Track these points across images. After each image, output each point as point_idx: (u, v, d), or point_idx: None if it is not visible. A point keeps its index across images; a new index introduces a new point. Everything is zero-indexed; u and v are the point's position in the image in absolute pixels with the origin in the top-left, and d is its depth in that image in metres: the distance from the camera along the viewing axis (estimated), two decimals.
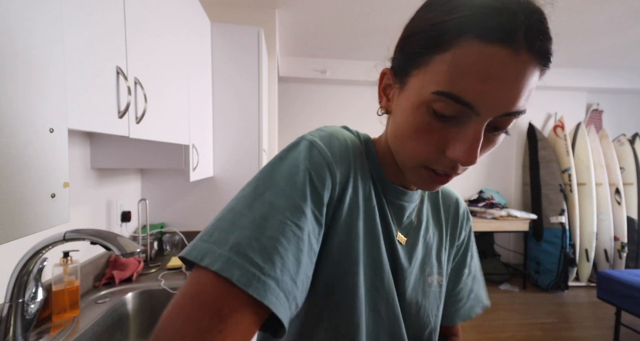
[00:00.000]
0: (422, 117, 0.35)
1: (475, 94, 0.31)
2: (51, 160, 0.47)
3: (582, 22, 2.45)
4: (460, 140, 0.34)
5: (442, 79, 0.32)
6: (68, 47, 0.56)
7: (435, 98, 0.33)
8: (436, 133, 0.35)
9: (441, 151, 0.36)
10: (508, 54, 0.30)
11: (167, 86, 1.09)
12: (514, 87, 0.31)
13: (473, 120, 0.33)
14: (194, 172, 1.35)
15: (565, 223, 3.22)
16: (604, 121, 3.88)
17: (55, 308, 0.91)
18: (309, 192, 0.36)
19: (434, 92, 0.33)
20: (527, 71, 0.31)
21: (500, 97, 0.31)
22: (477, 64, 0.31)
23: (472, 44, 0.31)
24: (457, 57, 0.31)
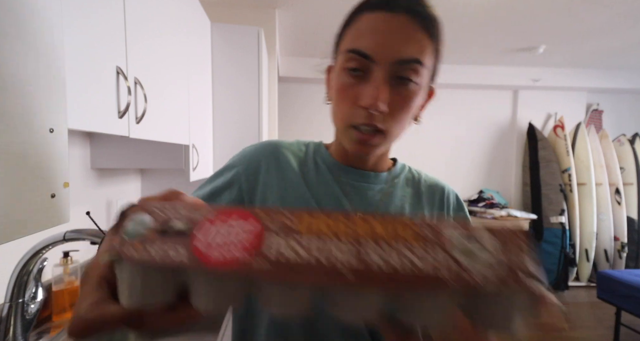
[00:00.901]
0: (341, 79, 0.44)
1: (368, 45, 0.41)
2: (51, 160, 0.47)
3: (582, 22, 2.45)
4: (366, 88, 0.41)
5: (348, 42, 0.43)
6: (68, 47, 0.56)
7: (345, 57, 0.43)
8: (351, 90, 0.43)
9: (355, 104, 0.43)
10: (389, 15, 0.41)
11: (167, 86, 1.09)
12: (397, 37, 0.40)
13: (374, 71, 0.41)
14: (194, 172, 1.35)
15: (565, 223, 3.22)
16: (604, 121, 3.88)
17: (55, 308, 0.91)
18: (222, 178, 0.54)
19: (342, 52, 0.44)
20: (407, 27, 0.41)
21: (388, 46, 0.40)
22: (367, 25, 0.42)
23: (365, 15, 0.43)
24: (356, 26, 0.43)
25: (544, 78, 3.58)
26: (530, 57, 3.21)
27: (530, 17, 2.38)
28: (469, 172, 3.86)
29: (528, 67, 3.55)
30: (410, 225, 0.22)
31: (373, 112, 0.41)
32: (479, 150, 3.87)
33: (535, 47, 2.93)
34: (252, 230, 0.22)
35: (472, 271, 0.20)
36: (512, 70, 3.57)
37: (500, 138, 3.87)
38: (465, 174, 3.85)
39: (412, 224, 0.22)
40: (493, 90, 3.77)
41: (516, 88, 3.75)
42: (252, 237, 0.21)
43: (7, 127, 0.39)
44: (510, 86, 3.69)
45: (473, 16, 2.37)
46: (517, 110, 3.80)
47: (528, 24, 2.50)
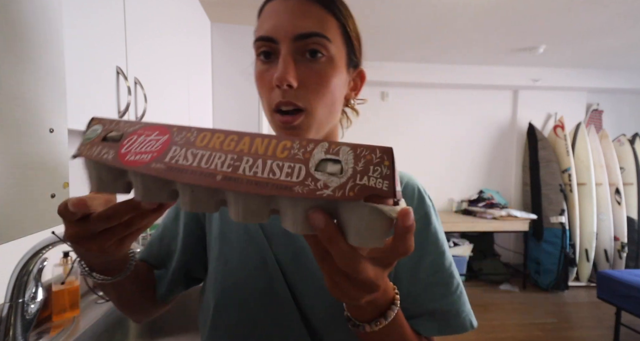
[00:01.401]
0: (256, 68, 0.46)
1: (268, 28, 0.43)
2: (51, 160, 0.47)
3: (582, 22, 2.45)
4: (277, 66, 0.42)
5: (256, 31, 0.45)
6: (68, 47, 0.56)
7: (255, 47, 0.45)
8: (266, 74, 0.44)
9: (271, 87, 0.44)
10: (282, 1, 0.43)
11: (167, 86, 1.09)
12: (293, 15, 0.42)
13: (277, 51, 0.43)
14: None
15: (565, 223, 3.22)
16: (604, 121, 3.88)
17: (55, 308, 0.91)
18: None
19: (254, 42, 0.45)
20: (302, 5, 0.42)
21: (285, 24, 0.42)
22: (266, 13, 0.44)
23: (267, 6, 0.45)
24: (261, 16, 0.45)
25: (544, 78, 3.58)
26: (530, 57, 3.21)
27: (530, 17, 2.38)
28: (469, 172, 3.86)
29: (528, 67, 3.55)
30: (289, 148, 0.25)
31: (283, 87, 0.41)
32: (479, 150, 3.87)
33: (535, 47, 2.93)
34: (162, 141, 0.28)
35: (321, 185, 0.23)
36: (512, 70, 3.57)
37: (500, 138, 3.87)
38: (465, 174, 3.85)
39: (290, 146, 0.25)
40: (493, 90, 3.77)
41: (516, 88, 3.75)
42: (160, 147, 0.27)
43: (7, 127, 0.39)
44: (510, 86, 3.69)
45: (473, 16, 2.37)
46: (517, 110, 3.80)
47: (528, 24, 2.50)
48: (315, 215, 0.23)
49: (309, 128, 0.44)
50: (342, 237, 0.24)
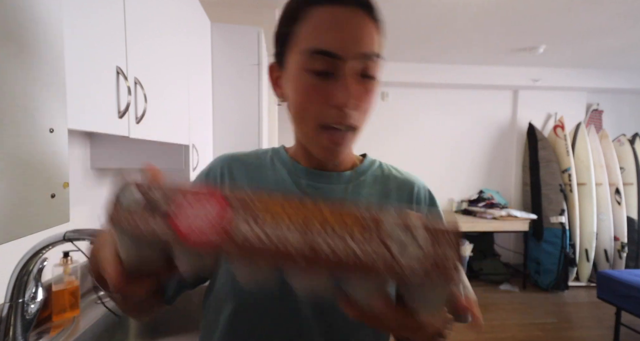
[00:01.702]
0: (305, 81, 0.42)
1: (333, 43, 0.40)
2: (51, 160, 0.47)
3: (582, 22, 2.45)
4: (336, 87, 0.40)
5: (304, 40, 0.41)
6: (68, 47, 0.56)
7: (308, 59, 0.41)
8: (319, 90, 0.41)
9: (327, 104, 0.41)
10: (344, 9, 0.40)
11: (167, 86, 1.09)
12: (355, 32, 0.40)
13: (340, 68, 0.40)
14: (194, 172, 1.35)
15: (565, 223, 3.22)
16: (604, 121, 3.88)
17: (55, 308, 0.91)
18: None
19: (304, 53, 0.41)
20: (359, 20, 0.40)
21: (352, 42, 0.40)
22: (325, 21, 0.40)
23: (316, 10, 0.41)
24: (310, 22, 0.41)
25: (544, 78, 3.58)
26: (530, 57, 3.21)
27: (530, 17, 2.38)
28: (469, 172, 3.86)
29: (528, 67, 3.55)
30: (355, 214, 0.24)
31: (348, 110, 0.41)
32: (479, 150, 3.87)
33: (535, 47, 2.93)
34: (220, 209, 0.25)
35: (402, 262, 0.23)
36: (512, 70, 3.57)
37: (500, 138, 3.87)
38: (465, 174, 3.85)
39: (357, 212, 0.25)
40: (493, 90, 3.77)
41: (516, 88, 3.75)
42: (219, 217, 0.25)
43: (7, 127, 0.39)
44: (510, 86, 3.69)
45: (473, 16, 2.37)
46: (517, 110, 3.80)
47: (528, 24, 2.50)
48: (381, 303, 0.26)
49: (351, 144, 0.46)
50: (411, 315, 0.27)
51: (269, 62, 0.49)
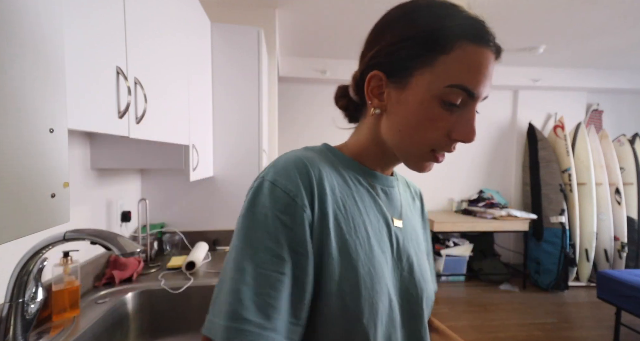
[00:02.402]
0: (432, 109, 0.43)
1: (477, 85, 0.42)
2: (51, 160, 0.47)
3: (582, 22, 2.45)
4: (462, 123, 0.43)
5: (453, 74, 0.41)
6: (68, 47, 0.56)
7: (448, 91, 0.42)
8: (443, 121, 0.43)
9: (447, 135, 0.44)
10: (491, 54, 0.43)
11: (167, 86, 1.09)
12: (491, 78, 0.43)
13: (469, 105, 0.43)
14: (194, 172, 1.35)
15: (565, 223, 3.22)
16: (604, 121, 3.88)
17: (55, 308, 0.91)
18: (283, 236, 0.39)
19: (447, 85, 0.42)
20: (493, 64, 0.44)
21: (485, 86, 0.43)
22: (476, 61, 0.41)
23: (470, 46, 0.41)
24: (461, 57, 0.41)
25: (544, 78, 3.58)
26: (530, 57, 3.21)
27: (530, 17, 2.38)
28: (469, 172, 3.86)
29: (528, 67, 3.55)
30: None
31: (467, 143, 0.44)
32: (479, 150, 3.87)
33: (535, 47, 2.93)
34: None
35: None
36: (512, 70, 3.57)
37: (500, 138, 3.87)
38: (465, 174, 3.85)
39: None
40: (493, 90, 3.77)
41: (516, 88, 3.75)
42: None
43: (7, 127, 0.39)
44: (510, 86, 3.69)
45: None
46: (517, 110, 3.80)
47: (528, 24, 2.50)
48: None
49: None
50: None
51: (375, 71, 0.46)
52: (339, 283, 0.41)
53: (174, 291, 1.19)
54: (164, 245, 1.61)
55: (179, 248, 1.63)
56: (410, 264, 0.50)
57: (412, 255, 0.51)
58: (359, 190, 0.49)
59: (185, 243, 1.64)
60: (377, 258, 0.45)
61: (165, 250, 1.60)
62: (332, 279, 0.41)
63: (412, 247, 0.52)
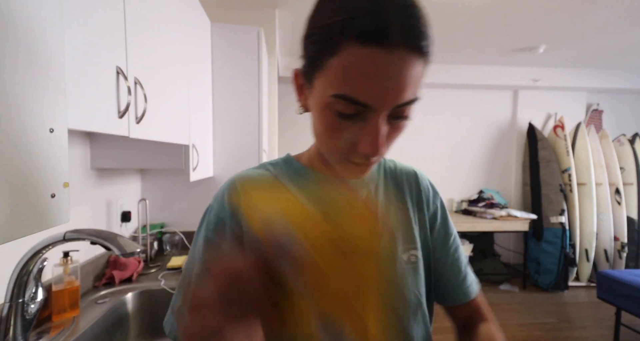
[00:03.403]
0: (329, 118, 0.38)
1: (366, 93, 0.34)
2: (51, 160, 0.47)
3: (582, 22, 2.45)
4: (364, 135, 0.37)
5: (336, 82, 0.35)
6: (68, 47, 0.56)
7: (334, 101, 0.36)
8: (345, 131, 0.38)
9: (353, 146, 0.38)
10: (385, 54, 0.33)
11: (167, 86, 1.09)
12: (397, 82, 0.34)
13: (372, 116, 0.36)
14: (194, 172, 1.35)
15: (565, 223, 3.22)
16: (604, 121, 3.88)
17: (55, 308, 0.91)
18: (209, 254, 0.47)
19: (331, 95, 0.36)
20: (405, 66, 0.34)
21: (387, 93, 0.34)
22: (360, 66, 0.33)
23: (354, 47, 0.33)
24: (344, 61, 0.34)
25: (544, 78, 3.58)
26: (530, 57, 3.21)
27: (530, 17, 2.38)
28: (469, 172, 3.86)
29: (528, 67, 3.55)
30: None
31: (370, 157, 0.39)
32: (479, 150, 3.87)
33: (535, 47, 2.93)
34: None
35: None
36: (512, 70, 3.57)
37: (500, 138, 3.87)
38: (465, 174, 3.85)
39: None
40: (493, 90, 3.77)
41: (516, 88, 3.75)
42: None
43: (7, 127, 0.39)
44: (510, 86, 3.69)
45: (473, 16, 2.37)
46: (517, 110, 3.80)
47: (528, 24, 2.50)
48: None
49: (371, 170, 0.45)
50: None
51: (295, 69, 0.44)
52: None
53: (174, 292, 1.19)
54: (164, 245, 1.61)
55: (179, 248, 1.63)
56: None
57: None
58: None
59: (185, 243, 1.64)
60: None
61: (165, 250, 1.60)
62: None
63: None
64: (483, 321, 0.54)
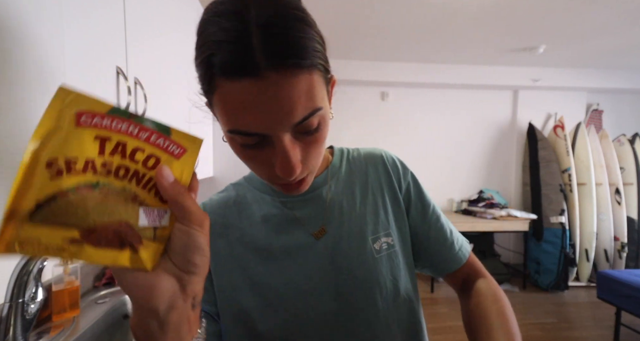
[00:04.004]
0: (238, 149, 0.38)
1: (254, 125, 0.33)
2: None
3: (582, 22, 2.45)
4: (277, 159, 0.36)
5: (225, 118, 0.35)
6: (68, 47, 0.56)
7: (232, 136, 0.36)
8: (259, 157, 0.37)
9: (270, 165, 0.37)
10: (256, 82, 0.31)
11: (167, 86, 1.09)
12: (280, 106, 0.32)
13: (276, 140, 0.35)
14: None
15: (565, 223, 3.22)
16: (604, 121, 3.88)
17: (55, 308, 0.91)
18: None
19: (227, 131, 0.36)
20: (282, 88, 0.32)
21: (275, 118, 0.33)
22: (237, 100, 0.32)
23: (225, 84, 0.32)
24: (223, 98, 0.33)
25: (544, 78, 3.57)
26: (530, 57, 3.21)
27: (530, 17, 2.38)
28: (468, 172, 3.86)
29: (528, 67, 3.55)
30: None
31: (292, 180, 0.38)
32: (479, 150, 3.87)
33: (535, 47, 2.93)
34: None
35: None
36: (512, 70, 3.57)
37: (500, 138, 3.87)
38: (465, 174, 3.85)
39: None
40: (493, 90, 3.77)
41: (516, 88, 3.75)
42: None
43: (7, 127, 0.39)
44: (510, 86, 3.69)
45: (473, 16, 2.37)
46: (517, 110, 3.80)
47: (528, 24, 2.50)
48: None
49: (310, 182, 0.44)
50: None
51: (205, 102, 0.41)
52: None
53: None
54: None
55: None
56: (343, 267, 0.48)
57: (345, 258, 0.49)
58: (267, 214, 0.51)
59: None
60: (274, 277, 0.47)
61: None
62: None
63: (347, 248, 0.49)
64: (480, 278, 0.56)
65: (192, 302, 0.29)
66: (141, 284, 0.26)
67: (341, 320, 0.46)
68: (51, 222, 0.23)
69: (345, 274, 0.47)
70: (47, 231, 0.23)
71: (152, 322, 0.27)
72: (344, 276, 0.47)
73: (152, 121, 0.26)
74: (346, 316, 0.47)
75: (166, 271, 0.27)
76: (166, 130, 0.26)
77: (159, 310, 0.26)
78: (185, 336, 0.28)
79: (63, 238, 0.23)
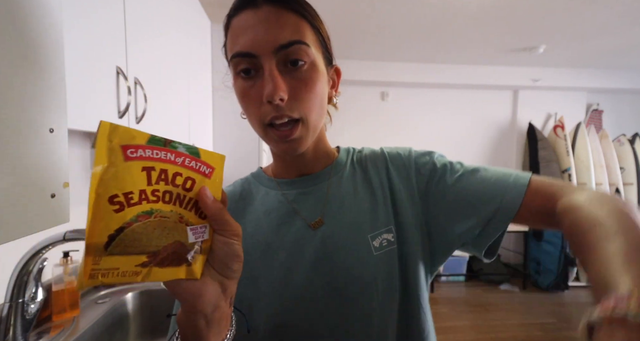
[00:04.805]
0: (239, 84, 0.45)
1: (246, 44, 0.42)
2: (51, 160, 0.47)
3: (582, 22, 2.45)
4: (265, 82, 0.42)
5: (230, 49, 0.45)
6: (68, 47, 0.56)
7: (233, 64, 0.44)
8: (252, 90, 0.44)
9: (261, 102, 0.43)
10: (254, 12, 0.42)
11: (167, 86, 1.09)
12: (268, 28, 0.42)
13: (264, 64, 0.42)
14: None
15: None
16: (604, 121, 3.88)
17: (55, 308, 0.91)
18: None
19: (229, 59, 0.45)
20: (272, 16, 0.42)
21: (263, 38, 0.41)
22: (237, 28, 0.43)
23: (235, 20, 0.44)
24: (231, 33, 0.45)
25: (544, 78, 3.57)
26: (530, 57, 3.21)
27: (530, 17, 2.38)
28: None
29: (528, 67, 3.55)
30: None
31: (276, 102, 0.41)
32: (479, 150, 3.87)
33: (535, 47, 2.93)
34: None
35: None
36: (512, 70, 3.57)
37: (500, 138, 3.87)
38: None
39: None
40: (493, 90, 3.77)
41: (516, 88, 3.75)
42: None
43: (7, 127, 0.39)
44: (510, 86, 3.69)
45: (473, 16, 2.37)
46: (517, 110, 3.80)
47: (528, 24, 2.50)
48: None
49: (306, 137, 0.46)
50: None
51: None
52: None
53: None
54: None
55: None
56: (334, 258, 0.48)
57: (340, 249, 0.48)
58: (269, 208, 0.53)
59: None
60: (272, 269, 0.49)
61: None
62: None
63: (343, 240, 0.49)
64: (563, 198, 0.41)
65: (230, 301, 0.34)
66: (192, 291, 0.30)
67: (334, 315, 0.46)
68: (124, 251, 0.26)
69: (340, 268, 0.47)
70: (123, 259, 0.26)
71: (200, 321, 0.31)
72: (338, 270, 0.47)
73: (183, 145, 0.29)
74: (340, 311, 0.46)
75: (210, 278, 0.31)
76: (196, 153, 0.30)
77: (207, 311, 0.31)
78: (224, 329, 0.34)
79: (135, 264, 0.27)
